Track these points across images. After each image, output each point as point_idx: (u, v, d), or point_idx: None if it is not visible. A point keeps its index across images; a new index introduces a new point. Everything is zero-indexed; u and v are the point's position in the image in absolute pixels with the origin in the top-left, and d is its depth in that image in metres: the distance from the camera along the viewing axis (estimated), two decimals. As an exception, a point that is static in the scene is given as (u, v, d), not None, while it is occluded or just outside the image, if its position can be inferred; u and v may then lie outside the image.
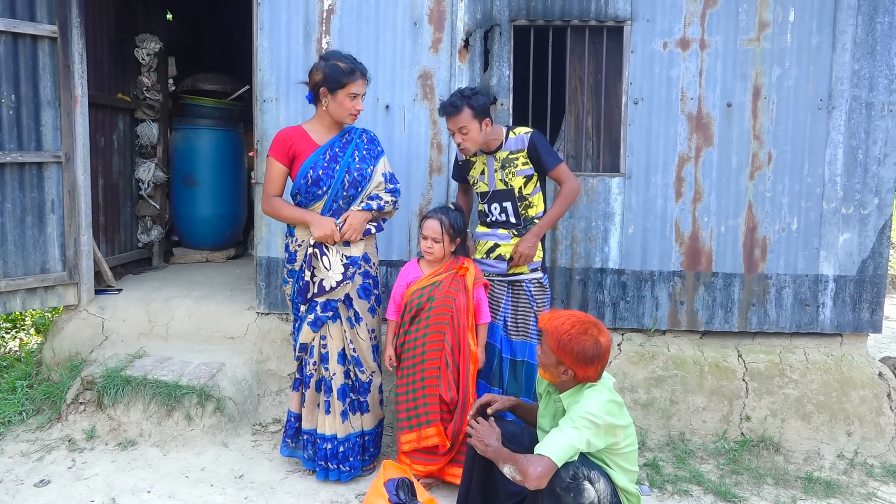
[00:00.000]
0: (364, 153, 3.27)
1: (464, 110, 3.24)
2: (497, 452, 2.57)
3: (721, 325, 4.11)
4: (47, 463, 3.45)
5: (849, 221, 4.01)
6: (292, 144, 3.19)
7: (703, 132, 4.01)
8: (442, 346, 3.23)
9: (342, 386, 3.30)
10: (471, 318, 3.28)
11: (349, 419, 3.31)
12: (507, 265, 3.39)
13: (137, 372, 3.84)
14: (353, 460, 3.32)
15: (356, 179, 3.20)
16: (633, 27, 3.98)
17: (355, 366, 3.31)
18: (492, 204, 3.46)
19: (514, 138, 3.38)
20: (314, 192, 3.18)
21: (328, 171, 3.16)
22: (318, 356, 3.30)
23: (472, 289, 3.29)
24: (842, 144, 3.97)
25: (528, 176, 3.37)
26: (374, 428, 3.43)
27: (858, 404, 3.90)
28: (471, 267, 3.32)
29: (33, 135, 4.13)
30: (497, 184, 3.41)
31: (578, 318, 2.60)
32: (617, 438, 2.55)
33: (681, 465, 3.65)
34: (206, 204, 5.77)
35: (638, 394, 4.00)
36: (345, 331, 3.28)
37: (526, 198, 3.39)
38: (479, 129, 3.29)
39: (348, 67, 3.12)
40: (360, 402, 3.35)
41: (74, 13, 4.21)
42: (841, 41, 3.92)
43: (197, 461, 3.50)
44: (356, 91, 3.15)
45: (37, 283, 4.20)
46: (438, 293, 3.26)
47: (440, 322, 3.24)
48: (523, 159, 3.36)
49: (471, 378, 3.26)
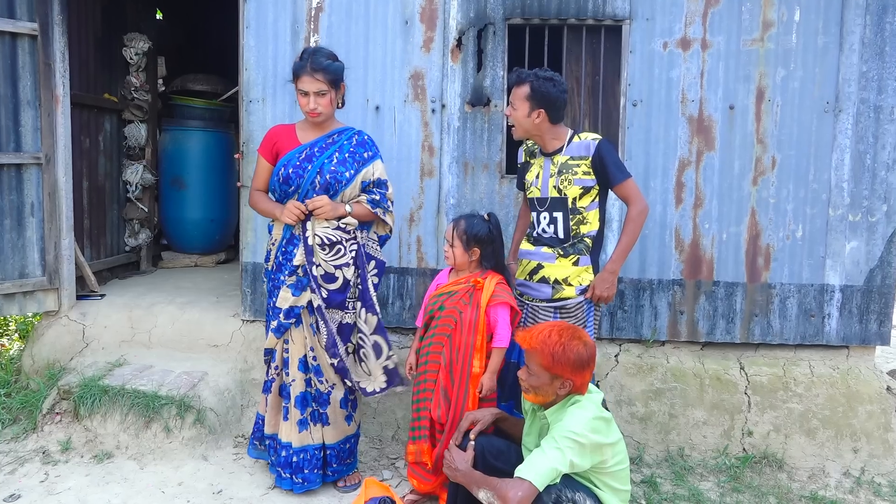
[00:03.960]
0: (346, 156, 3.13)
1: (524, 86, 2.98)
2: (467, 477, 2.45)
3: (722, 336, 3.96)
4: (19, 476, 3.32)
5: (856, 229, 3.86)
6: (277, 141, 3.15)
7: (704, 135, 3.86)
8: (439, 359, 3.06)
9: (302, 394, 3.18)
10: (479, 337, 3.01)
11: (308, 429, 3.19)
12: (552, 290, 3.07)
13: (116, 381, 3.71)
14: (307, 472, 3.18)
15: (328, 182, 3.07)
16: (631, 26, 3.84)
17: (315, 375, 3.18)
18: (541, 213, 3.12)
19: (579, 143, 3.04)
20: (285, 190, 3.11)
21: (298, 170, 3.07)
22: (280, 360, 3.21)
23: (487, 307, 3.00)
24: (849, 149, 3.82)
25: (586, 187, 3.01)
26: (339, 443, 3.26)
27: (865, 420, 3.75)
28: (490, 283, 3.02)
29: (12, 135, 4.00)
30: (550, 191, 3.06)
31: (558, 326, 2.49)
32: (604, 457, 2.41)
33: (679, 482, 3.50)
34: (196, 207, 5.65)
35: (636, 407, 3.85)
36: (306, 337, 3.15)
37: (580, 211, 3.03)
38: (528, 113, 2.99)
39: (299, 63, 3.01)
40: (320, 414, 3.21)
41: (56, 10, 4.08)
42: (848, 42, 3.78)
43: (175, 475, 3.37)
44: (303, 87, 3.00)
45: (15, 289, 4.06)
46: (449, 303, 3.07)
47: (442, 334, 3.06)
48: (585, 168, 3.00)
49: (469, 401, 3.01)
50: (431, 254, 4.02)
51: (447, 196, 3.98)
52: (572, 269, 3.05)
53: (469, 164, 3.97)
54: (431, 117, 3.96)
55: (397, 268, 4.05)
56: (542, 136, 3.08)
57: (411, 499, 3.16)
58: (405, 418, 3.79)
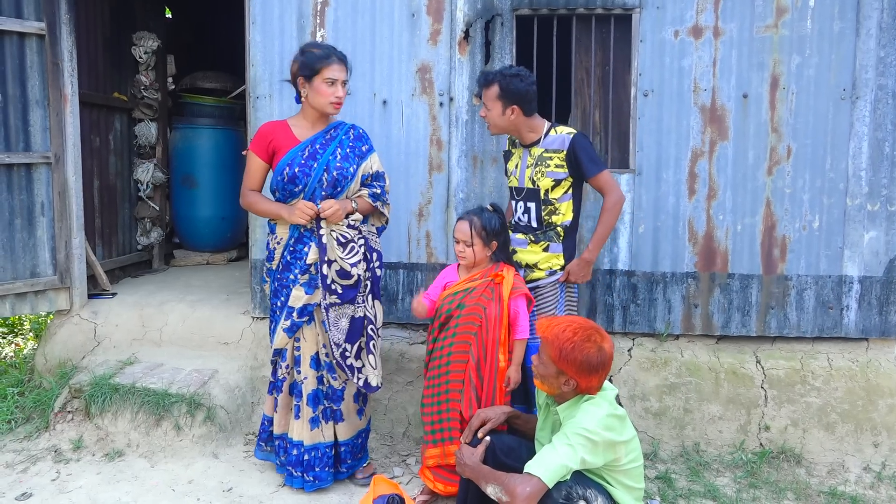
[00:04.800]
0: (347, 151, 3.10)
1: (492, 87, 3.05)
2: (475, 472, 2.42)
3: (738, 330, 3.89)
4: (31, 475, 3.33)
5: (875, 219, 3.77)
6: (272, 139, 3.07)
7: (717, 125, 3.79)
8: (467, 357, 3.00)
9: (314, 391, 3.15)
10: (503, 331, 3.00)
11: (320, 427, 3.16)
12: (523, 273, 3.17)
13: (127, 379, 3.70)
14: (318, 470, 3.16)
15: (335, 179, 3.04)
16: (642, 15, 3.77)
17: (328, 371, 3.15)
18: (518, 202, 3.23)
19: (554, 136, 3.11)
20: (291, 190, 3.04)
21: (304, 168, 3.01)
22: (291, 359, 3.17)
23: (508, 300, 3.00)
24: (867, 136, 3.73)
25: (557, 179, 3.09)
26: (352, 439, 3.24)
27: (886, 413, 3.67)
28: (508, 275, 3.02)
29: (21, 135, 4.01)
30: (526, 181, 3.16)
31: (579, 324, 2.42)
32: (618, 455, 2.36)
33: (695, 478, 3.44)
34: (207, 205, 5.65)
35: (650, 402, 3.79)
36: (318, 334, 3.12)
37: (552, 202, 3.13)
38: (502, 112, 3.06)
39: (321, 52, 2.99)
40: (332, 411, 3.19)
41: (63, 10, 4.09)
42: (865, 26, 3.68)
43: (185, 473, 3.36)
44: (332, 76, 2.97)
45: (27, 288, 4.08)
46: (469, 300, 3.02)
47: (467, 332, 3.00)
48: (558, 161, 3.08)
49: (498, 396, 3.00)
50: (441, 249, 3.98)
51: (456, 190, 3.94)
52: (542, 255, 3.17)
53: (478, 158, 3.92)
54: (439, 111, 3.91)
55: (407, 263, 4.01)
56: (519, 129, 3.16)
57: (423, 499, 3.12)
58: (416, 414, 3.76)
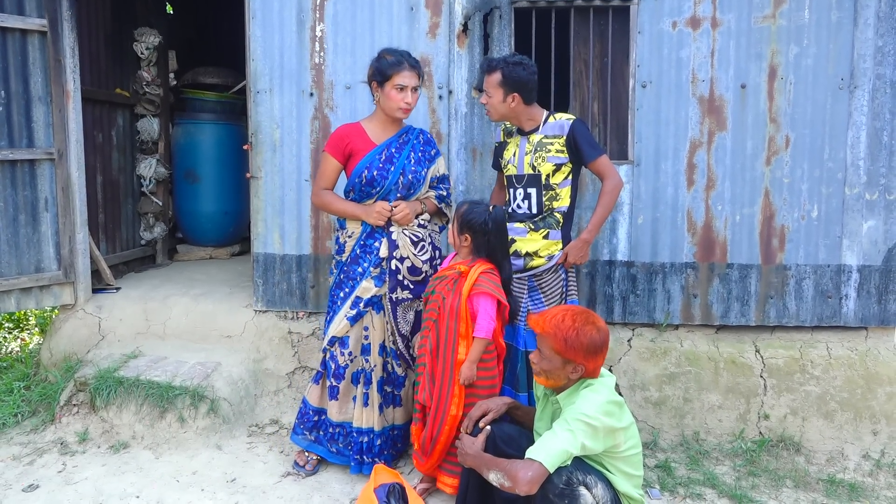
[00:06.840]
0: (420, 155, 3.26)
1: (495, 74, 3.11)
2: (476, 460, 2.45)
3: (737, 319, 3.91)
4: (38, 467, 3.37)
5: (873, 208, 3.78)
6: (349, 142, 3.20)
7: (715, 116, 3.80)
8: (426, 343, 3.07)
9: (381, 378, 3.27)
10: (462, 325, 2.95)
11: (384, 413, 3.29)
12: (523, 261, 3.19)
13: (131, 372, 3.75)
14: (387, 454, 3.31)
15: (410, 182, 3.21)
16: (639, 6, 3.78)
17: (393, 358, 3.28)
18: (517, 190, 3.25)
19: (553, 123, 3.18)
20: (367, 191, 3.19)
21: (383, 171, 3.16)
22: (357, 347, 3.27)
23: (469, 295, 2.94)
24: (865, 126, 3.74)
25: (558, 164, 3.14)
26: (406, 423, 3.37)
27: (885, 401, 3.68)
28: (473, 273, 2.95)
29: (24, 131, 4.04)
30: (526, 168, 3.20)
31: (571, 311, 2.46)
32: (617, 441, 2.39)
33: (694, 466, 3.47)
34: (209, 200, 5.68)
35: (649, 391, 3.81)
36: (387, 323, 3.25)
37: (553, 188, 3.17)
38: (503, 99, 3.12)
39: (394, 59, 3.11)
40: (394, 396, 3.33)
41: (65, 7, 4.11)
42: (863, 16, 3.68)
43: (189, 464, 3.40)
44: (403, 82, 3.09)
45: (31, 283, 4.12)
46: (438, 288, 3.07)
47: (429, 319, 3.08)
48: (559, 146, 3.14)
49: (453, 388, 2.95)
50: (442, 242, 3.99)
51: (456, 183, 3.96)
52: (543, 242, 3.20)
53: (477, 151, 3.94)
54: (438, 104, 3.93)
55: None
56: (519, 117, 3.21)
57: (423, 487, 3.15)
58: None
